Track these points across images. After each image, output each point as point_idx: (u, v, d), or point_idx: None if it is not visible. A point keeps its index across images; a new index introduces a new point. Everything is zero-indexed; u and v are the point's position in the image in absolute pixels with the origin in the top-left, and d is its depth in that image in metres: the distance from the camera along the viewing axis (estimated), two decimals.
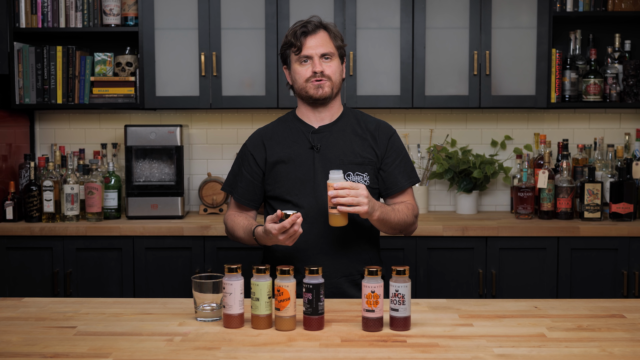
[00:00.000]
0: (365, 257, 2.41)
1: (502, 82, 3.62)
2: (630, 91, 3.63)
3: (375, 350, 1.74)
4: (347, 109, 2.49)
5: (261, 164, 2.42)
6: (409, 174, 2.44)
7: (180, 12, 3.60)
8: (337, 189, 2.14)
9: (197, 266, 3.41)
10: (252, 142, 2.47)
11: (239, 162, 2.48)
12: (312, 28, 2.35)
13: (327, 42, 2.36)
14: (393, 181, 2.42)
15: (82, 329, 1.91)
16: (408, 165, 2.45)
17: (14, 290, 3.40)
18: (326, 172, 2.33)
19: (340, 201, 2.13)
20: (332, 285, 2.33)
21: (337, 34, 2.40)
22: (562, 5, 3.63)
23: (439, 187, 3.93)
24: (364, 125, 2.45)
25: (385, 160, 2.42)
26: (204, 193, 3.75)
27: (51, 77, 3.63)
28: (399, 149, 2.45)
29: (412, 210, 2.41)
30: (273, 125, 2.50)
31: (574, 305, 2.13)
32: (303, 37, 2.34)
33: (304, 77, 2.36)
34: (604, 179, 3.61)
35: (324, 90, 2.35)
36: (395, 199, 2.44)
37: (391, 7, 3.58)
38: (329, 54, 2.36)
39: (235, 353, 1.73)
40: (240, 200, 2.45)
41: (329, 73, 2.35)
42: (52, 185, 3.48)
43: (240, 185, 2.45)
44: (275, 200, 2.41)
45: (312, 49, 2.34)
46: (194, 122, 3.93)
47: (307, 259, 2.34)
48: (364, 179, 2.38)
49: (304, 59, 2.35)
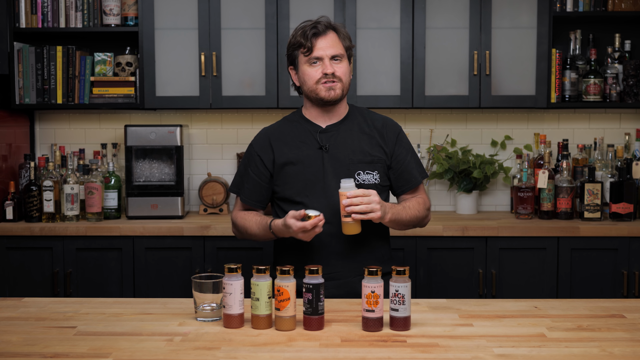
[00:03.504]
0: (378, 254, 2.40)
1: (502, 82, 3.62)
2: (630, 91, 3.63)
3: (375, 350, 1.74)
4: (353, 107, 2.47)
5: (269, 165, 2.40)
6: (419, 169, 2.46)
7: (180, 12, 3.60)
8: (351, 197, 2.14)
9: (197, 266, 3.41)
10: (259, 143, 2.44)
11: (245, 163, 2.46)
12: (322, 29, 2.32)
13: (337, 43, 2.34)
14: (408, 177, 2.42)
15: (82, 329, 1.91)
16: (417, 161, 2.47)
17: (14, 290, 3.40)
18: (336, 172, 2.33)
19: (354, 209, 2.14)
20: (347, 285, 2.33)
21: (346, 35, 2.39)
22: (562, 5, 3.63)
23: (439, 187, 3.93)
24: (371, 122, 2.44)
25: (397, 158, 2.41)
26: (204, 193, 3.75)
27: (51, 77, 3.63)
28: (408, 145, 2.46)
29: (424, 204, 2.42)
30: (279, 124, 2.47)
31: (574, 305, 2.13)
32: (314, 39, 2.31)
33: (314, 79, 2.33)
34: (604, 179, 3.61)
35: (336, 93, 2.34)
36: (409, 194, 2.44)
37: (391, 7, 3.58)
38: (338, 56, 2.34)
39: (235, 353, 1.73)
40: (247, 202, 2.43)
41: (339, 74, 2.33)
42: (52, 185, 3.48)
43: (247, 187, 2.43)
44: (285, 202, 2.39)
45: (322, 50, 2.31)
46: (194, 122, 3.93)
47: (320, 260, 2.32)
48: (374, 177, 2.37)
49: (313, 60, 2.33)
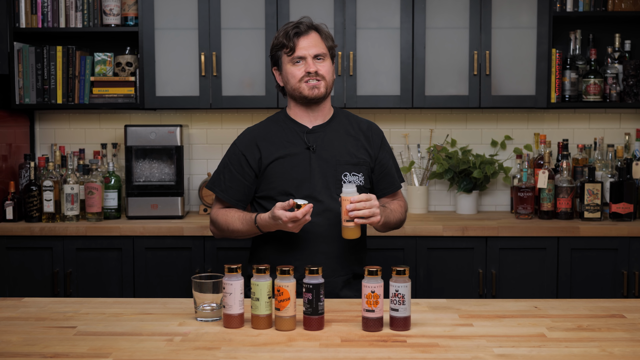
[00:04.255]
0: (358, 256, 2.45)
1: (502, 82, 3.62)
2: (630, 91, 3.63)
3: (375, 350, 1.74)
4: (338, 110, 2.52)
5: (254, 165, 2.41)
6: (399, 174, 2.56)
7: (180, 12, 3.60)
8: (355, 202, 2.18)
9: (197, 266, 3.41)
10: (244, 143, 2.45)
11: (227, 162, 2.45)
12: (304, 29, 2.37)
13: (319, 42, 2.39)
14: (390, 181, 2.51)
15: (82, 329, 1.91)
16: (397, 165, 2.57)
17: (14, 290, 3.40)
18: (322, 172, 2.37)
19: (358, 214, 2.18)
20: (328, 285, 2.33)
21: (328, 35, 2.43)
22: (562, 5, 3.63)
23: (439, 187, 3.93)
24: (356, 125, 2.49)
25: (381, 161, 2.48)
26: (204, 193, 3.75)
27: (51, 77, 3.63)
28: (390, 150, 2.55)
29: (404, 207, 2.55)
30: (264, 125, 2.48)
31: (574, 305, 2.13)
32: (296, 38, 2.36)
33: (297, 77, 2.36)
34: (604, 179, 3.61)
35: (320, 91, 2.37)
36: (389, 197, 2.52)
37: (391, 7, 3.58)
38: (321, 55, 2.38)
39: (235, 353, 1.73)
40: (229, 200, 2.43)
41: (323, 73, 2.37)
42: (52, 185, 3.48)
43: (230, 185, 2.42)
44: (269, 200, 2.40)
45: (305, 49, 2.36)
46: (194, 122, 3.93)
47: (303, 258, 2.35)
48: (359, 179, 2.41)
49: (296, 60, 2.36)
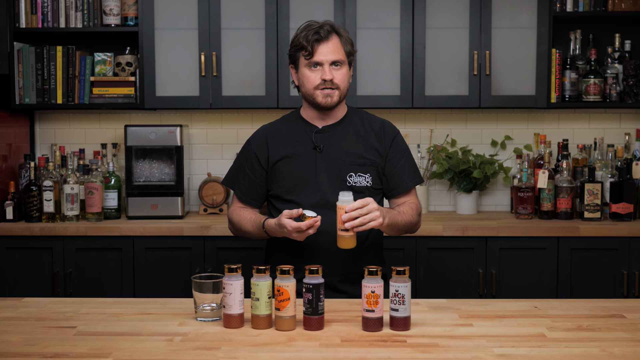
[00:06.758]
0: (365, 257, 2.41)
1: (502, 82, 3.61)
2: (630, 91, 3.63)
3: (375, 350, 1.74)
4: (351, 109, 2.48)
5: (264, 163, 2.42)
6: (413, 174, 2.45)
7: (180, 12, 3.59)
8: (349, 212, 2.10)
9: (197, 266, 3.41)
10: (256, 141, 2.46)
11: (241, 159, 2.48)
12: (324, 34, 2.33)
13: (339, 48, 2.35)
14: (398, 181, 2.43)
15: (82, 329, 1.91)
16: (412, 166, 2.47)
17: (14, 290, 3.40)
18: (327, 172, 2.35)
19: (354, 223, 2.11)
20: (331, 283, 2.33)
21: (348, 39, 2.39)
22: (562, 5, 3.63)
23: (439, 187, 3.93)
24: (369, 125, 2.45)
25: (390, 161, 2.42)
26: (204, 193, 3.75)
27: (51, 77, 3.63)
28: (403, 149, 2.46)
29: (416, 210, 2.42)
30: (278, 123, 2.49)
31: (574, 305, 2.13)
32: (316, 44, 2.32)
33: (313, 84, 2.34)
34: (604, 179, 3.61)
35: (333, 100, 2.35)
36: (399, 199, 2.45)
37: (391, 7, 3.58)
38: (339, 61, 2.35)
39: (235, 353, 1.73)
40: (243, 199, 2.45)
41: (338, 82, 2.34)
42: (52, 185, 3.48)
43: (243, 184, 2.45)
44: (277, 200, 2.41)
45: (323, 55, 2.32)
46: (194, 122, 3.93)
47: (312, 262, 2.31)
48: (366, 179, 2.38)
49: (313, 65, 2.34)
